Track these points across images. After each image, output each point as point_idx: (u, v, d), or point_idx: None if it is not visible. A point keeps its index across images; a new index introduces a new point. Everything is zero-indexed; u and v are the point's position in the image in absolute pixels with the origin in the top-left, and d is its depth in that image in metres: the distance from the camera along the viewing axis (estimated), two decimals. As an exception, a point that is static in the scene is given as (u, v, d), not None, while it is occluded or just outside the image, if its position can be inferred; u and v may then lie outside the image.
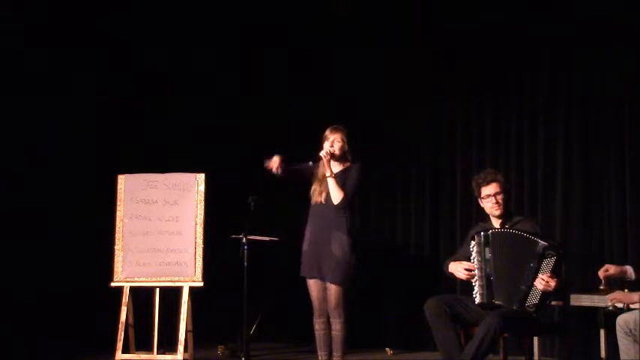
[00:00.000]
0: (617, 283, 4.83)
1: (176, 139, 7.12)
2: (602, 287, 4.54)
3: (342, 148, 5.32)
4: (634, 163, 6.07)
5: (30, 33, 6.69)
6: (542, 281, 4.56)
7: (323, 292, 5.28)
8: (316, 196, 5.34)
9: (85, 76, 6.92)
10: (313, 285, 5.32)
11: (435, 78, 6.90)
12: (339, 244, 5.21)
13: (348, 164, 5.35)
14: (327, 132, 5.36)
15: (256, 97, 7.33)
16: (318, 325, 5.34)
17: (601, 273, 4.53)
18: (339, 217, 5.25)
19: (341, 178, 5.28)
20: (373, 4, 7.00)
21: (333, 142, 5.31)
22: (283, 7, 7.15)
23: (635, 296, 4.47)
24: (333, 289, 5.21)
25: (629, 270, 4.51)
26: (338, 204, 5.23)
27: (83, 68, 6.91)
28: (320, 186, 5.34)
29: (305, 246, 5.35)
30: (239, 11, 7.24)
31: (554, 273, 4.58)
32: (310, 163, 5.46)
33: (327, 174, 5.25)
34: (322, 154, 5.27)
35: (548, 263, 4.60)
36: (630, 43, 6.07)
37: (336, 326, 5.25)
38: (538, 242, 4.64)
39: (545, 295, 4.60)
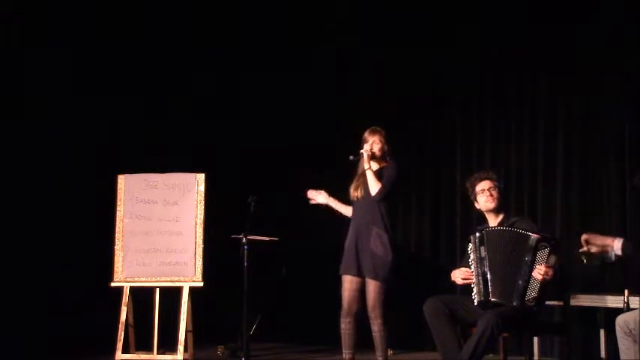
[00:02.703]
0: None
1: (176, 139, 7.12)
2: (582, 250, 4.46)
3: (381, 149, 5.43)
4: (634, 163, 6.07)
5: (30, 33, 6.69)
6: (540, 271, 4.58)
7: (356, 291, 5.30)
8: (353, 191, 5.43)
9: (85, 76, 6.92)
10: (348, 282, 5.33)
11: (435, 78, 6.91)
12: (378, 241, 5.26)
13: (385, 164, 5.44)
14: (367, 134, 5.47)
15: (256, 97, 7.33)
16: (344, 325, 5.35)
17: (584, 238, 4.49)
18: (376, 212, 5.31)
19: (379, 174, 5.36)
20: (374, 4, 7.00)
21: (372, 144, 5.42)
22: (282, 8, 7.16)
23: (608, 239, 4.44)
24: (372, 287, 5.24)
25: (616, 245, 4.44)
26: (375, 195, 5.29)
27: (84, 68, 6.91)
28: (356, 182, 5.44)
29: (346, 244, 5.41)
30: (239, 12, 7.25)
31: (549, 263, 4.61)
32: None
33: (366, 167, 5.35)
34: (364, 150, 5.37)
35: (543, 254, 4.63)
36: (630, 43, 6.07)
37: (375, 327, 5.27)
38: (530, 235, 4.68)
39: (544, 286, 4.61)
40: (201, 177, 6.10)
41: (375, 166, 5.41)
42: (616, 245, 4.31)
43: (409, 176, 7.01)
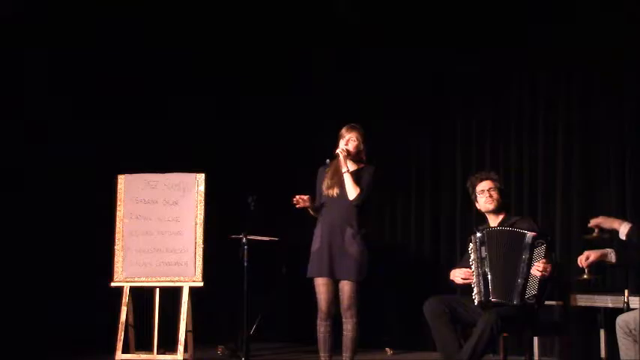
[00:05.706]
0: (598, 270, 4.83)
1: (176, 139, 7.12)
2: (585, 276, 4.50)
3: (357, 147, 5.28)
4: (634, 163, 6.07)
5: (29, 34, 6.69)
6: (539, 268, 4.60)
7: (332, 292, 5.20)
8: (328, 189, 5.28)
9: (85, 76, 6.92)
10: (322, 285, 5.22)
11: (435, 78, 6.91)
12: (353, 241, 5.17)
13: (362, 165, 5.31)
14: (343, 130, 5.32)
15: (256, 97, 7.33)
16: (323, 328, 5.25)
17: (583, 262, 4.50)
18: (351, 212, 5.21)
19: (355, 177, 5.24)
20: (374, 4, 7.00)
21: (348, 140, 5.28)
22: (281, 8, 7.16)
23: (615, 222, 4.44)
24: (348, 287, 5.15)
25: (610, 253, 4.47)
26: (354, 199, 5.18)
27: (83, 68, 6.91)
28: (331, 180, 5.29)
29: (315, 245, 5.27)
30: (238, 12, 7.25)
31: (547, 260, 4.64)
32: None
33: (343, 170, 5.21)
34: (339, 151, 5.25)
35: (540, 251, 4.67)
36: (630, 43, 6.07)
37: (348, 326, 5.19)
38: (526, 233, 4.71)
39: (543, 282, 4.63)
40: (201, 177, 6.10)
41: (351, 166, 5.26)
42: (622, 229, 4.33)
43: (409, 176, 7.04)
